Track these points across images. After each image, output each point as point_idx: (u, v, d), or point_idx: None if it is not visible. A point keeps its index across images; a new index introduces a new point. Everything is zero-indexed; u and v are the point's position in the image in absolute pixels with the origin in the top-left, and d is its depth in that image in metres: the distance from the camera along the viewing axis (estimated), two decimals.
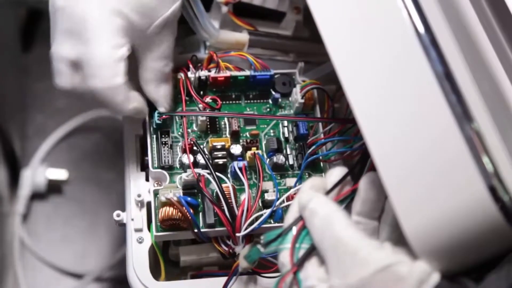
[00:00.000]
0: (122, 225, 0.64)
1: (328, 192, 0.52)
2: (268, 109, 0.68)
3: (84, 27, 0.58)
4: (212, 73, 0.67)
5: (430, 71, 0.45)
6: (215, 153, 0.64)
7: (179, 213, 0.60)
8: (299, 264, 0.49)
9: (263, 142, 0.66)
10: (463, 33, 0.49)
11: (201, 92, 0.67)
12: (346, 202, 0.53)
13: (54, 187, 0.95)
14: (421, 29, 0.45)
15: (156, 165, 0.63)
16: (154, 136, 0.65)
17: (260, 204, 0.63)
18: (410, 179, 0.46)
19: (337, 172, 0.53)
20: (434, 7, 0.46)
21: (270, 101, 0.69)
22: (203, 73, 0.67)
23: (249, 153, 0.64)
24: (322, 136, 0.66)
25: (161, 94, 0.63)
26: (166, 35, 0.62)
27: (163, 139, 0.65)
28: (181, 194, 0.60)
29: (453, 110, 0.44)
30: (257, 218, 0.61)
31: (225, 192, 0.60)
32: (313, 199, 0.50)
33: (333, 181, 0.53)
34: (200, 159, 0.63)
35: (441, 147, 0.45)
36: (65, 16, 0.58)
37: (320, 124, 0.66)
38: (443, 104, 0.44)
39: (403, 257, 0.46)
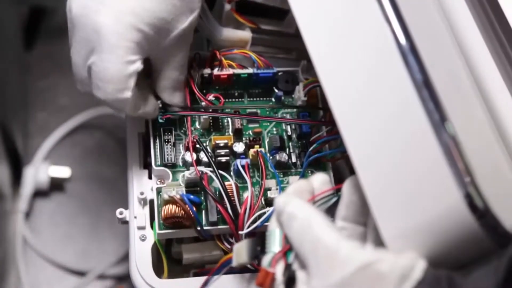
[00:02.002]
0: (124, 223, 0.64)
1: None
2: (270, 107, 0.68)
3: (98, 39, 0.57)
4: (215, 71, 0.67)
5: (408, 79, 0.44)
6: (218, 151, 0.64)
7: (182, 211, 0.60)
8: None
9: (266, 140, 0.66)
10: (441, 41, 0.49)
11: (204, 90, 0.67)
12: (327, 205, 0.52)
13: (56, 185, 0.95)
14: (401, 37, 0.45)
15: (159, 163, 0.63)
16: (157, 134, 0.65)
17: (263, 202, 0.62)
18: (388, 185, 0.46)
19: (320, 177, 0.53)
20: (414, 14, 0.46)
21: (273, 99, 0.69)
22: (206, 71, 0.67)
23: (252, 151, 0.64)
24: (324, 134, 0.66)
25: (175, 101, 0.64)
26: (182, 45, 0.61)
27: (166, 137, 0.65)
28: (184, 192, 0.60)
29: (430, 117, 0.44)
30: (259, 216, 0.61)
31: (228, 190, 0.60)
32: (290, 203, 0.49)
33: (316, 186, 0.53)
34: (203, 157, 0.63)
35: (418, 154, 0.44)
36: (81, 25, 0.58)
37: None
38: (420, 111, 0.44)
39: (385, 255, 0.45)
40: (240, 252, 0.54)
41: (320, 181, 0.53)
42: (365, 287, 0.43)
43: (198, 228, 0.60)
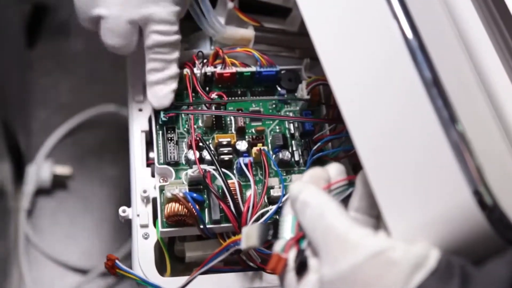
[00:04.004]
0: (127, 221, 0.64)
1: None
2: (273, 105, 0.68)
3: None
4: (218, 69, 0.67)
5: (417, 76, 0.44)
6: (221, 149, 0.64)
7: (184, 209, 0.60)
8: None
9: (269, 138, 0.66)
10: (447, 37, 0.49)
11: (207, 88, 0.67)
12: (343, 195, 0.52)
13: (58, 183, 0.95)
14: (409, 34, 0.45)
15: (162, 161, 0.63)
16: (160, 132, 0.65)
17: (266, 200, 0.62)
18: (397, 182, 0.46)
19: (337, 167, 0.52)
20: (422, 12, 0.46)
21: (276, 97, 0.68)
22: (209, 69, 0.67)
23: (255, 149, 0.64)
24: (328, 133, 0.66)
25: None
26: None
27: (169, 135, 0.65)
28: (187, 190, 0.60)
29: (439, 114, 0.44)
30: (263, 214, 0.61)
31: (231, 188, 0.60)
32: (304, 190, 0.49)
33: (332, 175, 0.52)
34: (206, 155, 0.63)
35: (427, 151, 0.44)
36: None
37: None
38: (429, 108, 0.44)
39: (398, 243, 0.44)
40: (251, 235, 0.53)
41: (336, 170, 0.52)
42: (376, 274, 0.43)
43: (201, 226, 0.60)
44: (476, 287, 0.40)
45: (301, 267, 0.47)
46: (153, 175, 0.64)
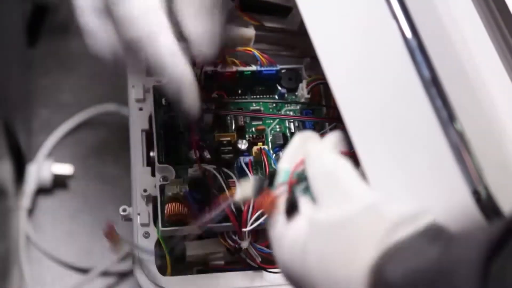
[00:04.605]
0: (128, 220, 0.64)
1: None
2: (274, 105, 0.68)
3: None
4: (218, 69, 0.67)
5: (416, 76, 0.44)
6: (221, 148, 0.64)
7: (185, 208, 0.60)
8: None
9: (269, 138, 0.66)
10: (448, 37, 0.49)
11: (207, 88, 0.67)
12: None
13: (59, 182, 0.95)
14: (408, 33, 0.45)
15: (162, 160, 0.63)
16: (161, 131, 0.65)
17: None
18: (396, 182, 0.46)
19: (335, 135, 0.51)
20: (421, 11, 0.46)
21: (276, 96, 0.68)
22: (209, 69, 0.67)
23: (255, 149, 0.64)
24: (328, 132, 0.66)
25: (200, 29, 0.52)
26: None
27: (170, 134, 0.65)
28: (188, 189, 0.60)
29: (438, 114, 0.44)
30: (263, 213, 0.61)
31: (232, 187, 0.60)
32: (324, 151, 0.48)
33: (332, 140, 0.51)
34: (206, 154, 0.63)
35: (426, 151, 0.44)
36: None
37: None
38: (428, 108, 0.44)
39: (396, 202, 0.44)
40: (246, 186, 0.53)
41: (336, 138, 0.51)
42: (363, 224, 0.43)
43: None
44: (455, 248, 0.40)
45: (290, 210, 0.47)
46: (153, 174, 0.64)
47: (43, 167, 0.94)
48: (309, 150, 0.49)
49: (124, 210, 0.64)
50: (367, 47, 0.48)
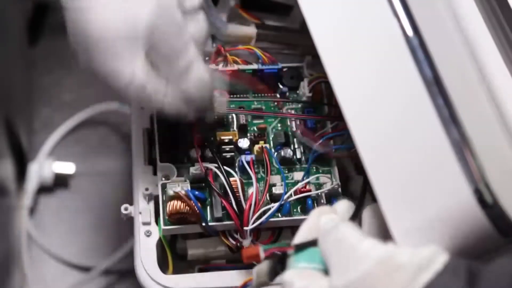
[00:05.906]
0: (129, 219, 0.64)
1: None
2: (275, 103, 0.68)
3: None
4: (220, 67, 0.67)
5: (418, 74, 0.44)
6: (223, 147, 0.64)
7: (187, 207, 0.60)
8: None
9: (271, 136, 0.66)
10: (450, 36, 0.49)
11: None
12: None
13: (61, 181, 0.95)
14: (410, 32, 0.45)
15: (164, 159, 0.63)
16: (162, 129, 0.65)
17: (268, 198, 0.62)
18: (398, 181, 0.46)
19: (343, 203, 0.54)
20: (423, 9, 0.46)
21: (277, 95, 0.68)
22: (210, 67, 0.67)
23: (256, 147, 0.64)
24: (329, 130, 0.66)
25: None
26: None
27: (171, 133, 0.65)
28: (189, 188, 0.60)
29: (440, 113, 0.44)
30: (264, 212, 0.61)
31: (233, 186, 0.60)
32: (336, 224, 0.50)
33: (339, 211, 0.54)
34: (208, 153, 0.63)
35: (428, 150, 0.44)
36: None
37: None
38: (430, 106, 0.44)
39: (405, 248, 0.45)
40: (261, 271, 0.53)
41: (345, 207, 0.54)
42: (383, 279, 0.43)
43: (203, 224, 0.60)
44: (485, 283, 0.41)
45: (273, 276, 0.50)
46: (155, 173, 0.64)
47: (45, 166, 0.94)
48: (320, 228, 0.50)
49: (125, 209, 0.63)
50: (369, 45, 0.48)
